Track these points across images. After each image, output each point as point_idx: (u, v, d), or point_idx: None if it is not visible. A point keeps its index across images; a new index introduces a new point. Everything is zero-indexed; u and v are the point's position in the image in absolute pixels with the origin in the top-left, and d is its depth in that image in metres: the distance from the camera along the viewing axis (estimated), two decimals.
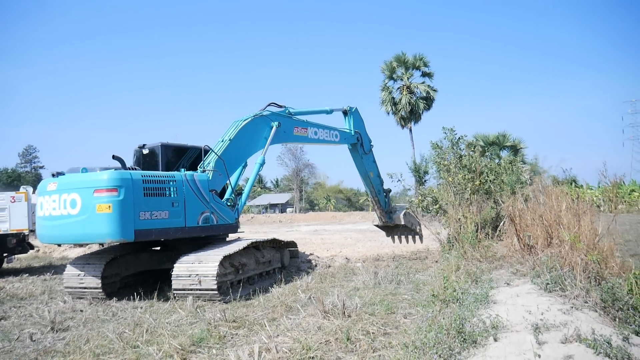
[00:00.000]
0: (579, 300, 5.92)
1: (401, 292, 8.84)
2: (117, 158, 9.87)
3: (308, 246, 18.23)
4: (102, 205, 8.74)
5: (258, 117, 11.96)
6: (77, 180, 9.27)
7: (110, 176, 8.87)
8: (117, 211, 8.74)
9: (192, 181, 10.00)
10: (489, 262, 9.44)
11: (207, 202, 10.27)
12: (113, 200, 8.73)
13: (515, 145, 31.53)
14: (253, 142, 11.82)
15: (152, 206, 9.25)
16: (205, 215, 10.23)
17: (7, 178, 71.60)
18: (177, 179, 9.77)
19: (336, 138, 14.15)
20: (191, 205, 9.94)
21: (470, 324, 5.41)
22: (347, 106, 14.85)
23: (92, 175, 9.17)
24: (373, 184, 15.10)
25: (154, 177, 9.44)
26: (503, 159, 22.54)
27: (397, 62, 41.85)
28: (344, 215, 46.22)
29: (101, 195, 8.79)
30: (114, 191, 8.77)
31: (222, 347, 6.10)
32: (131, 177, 9.00)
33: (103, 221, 8.76)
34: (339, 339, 5.85)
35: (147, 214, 9.16)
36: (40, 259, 19.18)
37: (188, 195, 9.90)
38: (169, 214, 9.55)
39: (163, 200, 9.48)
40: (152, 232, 9.29)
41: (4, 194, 14.64)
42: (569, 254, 7.23)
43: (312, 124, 13.54)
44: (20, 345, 6.70)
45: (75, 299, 9.86)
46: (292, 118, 13.00)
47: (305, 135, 13.30)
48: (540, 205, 9.43)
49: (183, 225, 9.79)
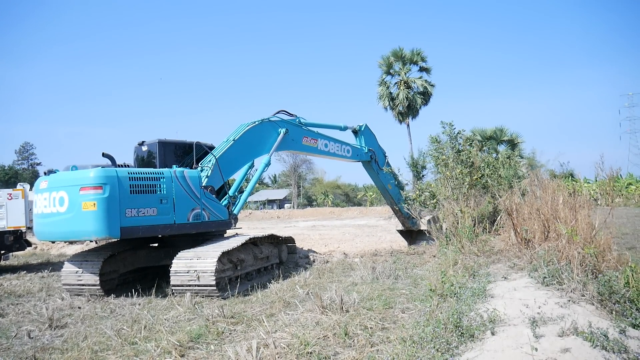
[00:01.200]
0: (576, 293, 5.93)
1: (399, 287, 8.85)
2: (107, 156, 9.89)
3: (306, 242, 18.23)
4: (88, 203, 8.75)
5: (266, 122, 12.14)
6: (65, 178, 9.30)
7: (95, 174, 8.86)
8: (102, 208, 8.73)
9: (181, 177, 9.97)
10: (487, 256, 9.46)
11: (197, 198, 10.23)
12: (98, 198, 8.73)
13: (512, 139, 31.48)
14: (258, 145, 11.95)
15: (139, 203, 9.23)
16: (195, 211, 10.20)
17: (4, 175, 71.34)
18: (166, 176, 9.75)
19: (348, 154, 14.23)
20: (181, 202, 9.91)
21: (468, 318, 5.43)
22: (357, 125, 14.90)
23: (78, 173, 9.18)
24: (392, 195, 15.23)
25: (141, 174, 9.42)
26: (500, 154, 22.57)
27: (394, 57, 41.71)
28: (342, 211, 46.20)
29: (86, 192, 8.80)
30: (99, 189, 8.76)
31: (220, 343, 6.11)
32: (117, 175, 8.98)
33: (89, 219, 8.76)
34: (337, 334, 5.85)
35: (133, 211, 9.13)
36: (37, 256, 19.16)
37: (177, 191, 9.87)
38: (157, 211, 9.53)
39: (150, 197, 9.45)
40: (139, 230, 9.26)
41: (1, 191, 14.63)
42: (566, 247, 7.25)
43: (323, 136, 13.61)
44: (18, 343, 6.69)
45: (73, 296, 9.87)
46: (302, 127, 13.07)
47: (314, 147, 13.36)
48: (537, 200, 9.45)
49: (172, 222, 9.76)
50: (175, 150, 11.37)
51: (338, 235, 21.85)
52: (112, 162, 9.88)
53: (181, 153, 11.45)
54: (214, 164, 10.74)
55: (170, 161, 11.03)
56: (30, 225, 13.83)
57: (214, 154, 10.93)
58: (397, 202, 15.37)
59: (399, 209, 15.31)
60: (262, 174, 12.28)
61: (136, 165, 11.55)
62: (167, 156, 11.16)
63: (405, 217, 15.31)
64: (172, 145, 11.36)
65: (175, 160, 11.14)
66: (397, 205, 15.33)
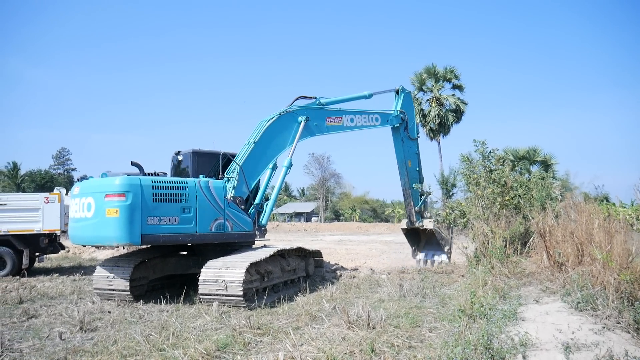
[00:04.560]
0: (611, 320, 5.77)
1: (426, 306, 8.75)
2: (136, 164, 10.16)
3: (332, 256, 18.20)
4: (111, 210, 9.05)
5: (284, 115, 11.91)
6: (93, 185, 9.68)
7: (120, 182, 9.16)
8: (124, 215, 8.99)
9: (206, 188, 10.11)
10: (517, 278, 9.27)
11: (221, 209, 10.32)
12: (120, 205, 9.01)
13: (545, 160, 30.96)
14: (280, 141, 11.78)
15: (160, 212, 9.44)
16: (219, 222, 10.29)
17: (41, 179, 73.41)
18: (190, 185, 9.92)
19: (376, 122, 13.84)
20: (204, 212, 10.04)
21: (499, 340, 5.32)
22: (400, 86, 14.58)
23: (105, 180, 9.53)
24: (409, 173, 14.72)
25: (165, 183, 9.64)
26: (533, 174, 22.19)
27: (427, 74, 41.61)
28: (369, 226, 45.99)
29: (111, 199, 9.12)
30: (122, 196, 9.05)
31: (246, 353, 6.13)
32: (140, 183, 9.24)
33: (111, 225, 9.06)
34: (364, 350, 5.81)
35: (155, 219, 9.35)
36: (70, 260, 19.60)
37: (201, 201, 10.01)
38: (179, 220, 9.69)
39: (173, 205, 9.64)
40: (160, 238, 9.46)
41: (38, 194, 15.11)
42: (600, 272, 7.06)
43: (347, 112, 13.25)
44: (50, 344, 6.85)
45: (103, 300, 10.06)
46: (323, 109, 12.79)
47: (340, 125, 13.04)
48: (571, 222, 9.24)
49: (194, 231, 9.90)
50: (208, 160, 11.53)
51: (365, 250, 21.76)
52: (140, 170, 10.12)
53: (214, 163, 11.60)
54: (239, 172, 10.83)
55: (204, 171, 11.18)
56: (65, 229, 14.21)
57: (237, 161, 11.00)
58: (411, 184, 14.84)
59: (410, 193, 14.82)
60: (285, 177, 12.11)
61: (172, 173, 11.78)
62: (200, 166, 11.33)
63: (414, 205, 14.82)
64: (205, 156, 11.53)
65: (208, 170, 11.30)
66: (410, 190, 14.83)
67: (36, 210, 14.61)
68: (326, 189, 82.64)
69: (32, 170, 76.80)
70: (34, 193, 17.13)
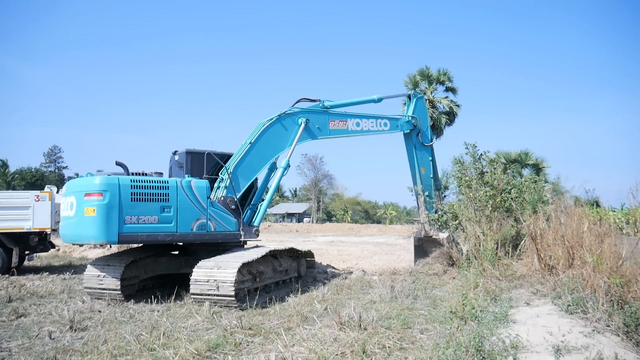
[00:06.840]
0: (601, 323, 5.82)
1: (418, 307, 8.76)
2: (120, 164, 10.19)
3: (324, 257, 18.19)
4: (89, 209, 9.13)
5: (283, 116, 11.85)
6: (76, 184, 9.78)
7: (99, 181, 9.22)
8: (101, 214, 9.05)
9: (187, 187, 10.08)
10: (509, 280, 9.33)
11: (204, 208, 10.27)
12: (98, 204, 9.08)
13: (537, 163, 31.08)
14: (278, 143, 11.72)
15: (139, 211, 9.44)
16: (200, 222, 10.22)
17: (32, 177, 72.94)
18: (170, 185, 9.91)
19: (385, 127, 13.60)
20: (184, 212, 9.99)
21: (490, 342, 5.35)
22: (413, 91, 14.33)
23: (86, 179, 9.61)
24: (423, 183, 14.39)
25: (144, 183, 9.62)
26: (525, 177, 22.31)
27: (420, 76, 41.60)
28: (361, 228, 46.01)
29: (89, 199, 9.20)
30: (99, 195, 9.11)
31: (237, 354, 6.11)
32: (119, 182, 9.28)
33: (89, 223, 9.14)
34: (355, 351, 5.82)
35: (133, 218, 9.35)
36: (60, 258, 19.46)
37: (182, 201, 9.97)
38: (158, 219, 9.67)
39: (152, 205, 9.62)
40: (138, 237, 9.49)
41: (29, 192, 14.98)
42: (591, 276, 7.12)
43: (353, 115, 13.04)
44: (39, 343, 6.79)
45: (93, 299, 10.00)
46: (326, 112, 12.63)
47: (344, 128, 12.84)
48: (561, 226, 9.31)
49: (174, 231, 9.85)
50: (203, 160, 11.49)
51: (357, 251, 21.77)
52: (125, 170, 10.11)
53: (211, 163, 11.57)
54: (231, 172, 10.84)
55: (198, 171, 11.16)
56: (55, 227, 14.12)
57: (226, 166, 11.02)
58: (423, 192, 14.39)
59: (424, 200, 14.35)
60: (281, 179, 12.07)
61: (170, 173, 11.77)
62: (194, 166, 11.29)
63: (429, 213, 14.29)
64: (199, 155, 11.50)
65: (202, 170, 11.28)
66: (425, 197, 14.35)
67: (26, 208, 14.48)
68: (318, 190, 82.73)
69: (22, 168, 76.31)
70: (25, 191, 16.97)
